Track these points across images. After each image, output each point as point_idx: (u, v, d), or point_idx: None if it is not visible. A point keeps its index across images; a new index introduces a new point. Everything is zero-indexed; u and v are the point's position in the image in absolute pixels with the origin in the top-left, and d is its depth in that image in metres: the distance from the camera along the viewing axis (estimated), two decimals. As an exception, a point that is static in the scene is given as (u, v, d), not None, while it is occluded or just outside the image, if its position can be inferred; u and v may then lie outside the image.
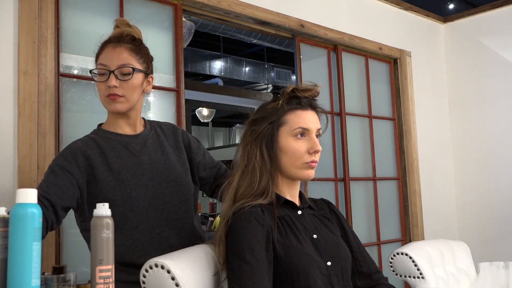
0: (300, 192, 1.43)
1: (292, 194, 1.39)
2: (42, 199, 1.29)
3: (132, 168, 1.49)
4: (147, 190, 1.49)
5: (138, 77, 1.49)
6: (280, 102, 1.36)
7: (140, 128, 1.58)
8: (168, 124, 1.70)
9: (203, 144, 1.79)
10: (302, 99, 1.36)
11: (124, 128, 1.54)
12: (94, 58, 1.52)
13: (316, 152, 1.34)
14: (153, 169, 1.52)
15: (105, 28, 2.12)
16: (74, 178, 1.40)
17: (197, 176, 1.66)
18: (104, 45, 1.50)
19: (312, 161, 1.34)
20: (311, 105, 1.38)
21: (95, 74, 1.49)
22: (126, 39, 1.50)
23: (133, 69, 1.47)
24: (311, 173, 1.36)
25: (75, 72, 2.03)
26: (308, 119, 1.35)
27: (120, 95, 1.46)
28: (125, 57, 1.47)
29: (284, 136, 1.34)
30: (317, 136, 1.37)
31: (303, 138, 1.34)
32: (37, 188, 1.26)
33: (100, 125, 1.58)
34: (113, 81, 1.44)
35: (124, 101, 1.47)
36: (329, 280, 1.28)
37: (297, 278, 1.23)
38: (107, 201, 1.12)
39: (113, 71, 1.44)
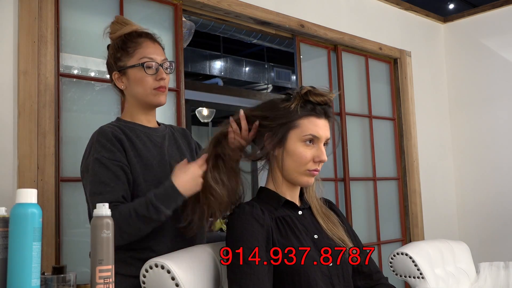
0: (301, 192, 1.43)
1: (292, 194, 1.39)
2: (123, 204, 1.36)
3: (157, 157, 1.50)
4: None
5: None
6: (294, 105, 1.33)
7: (156, 124, 1.61)
8: (179, 127, 1.75)
9: (204, 144, 1.78)
10: (316, 106, 1.33)
11: (145, 122, 1.55)
12: (119, 53, 1.49)
13: (321, 161, 1.34)
14: (172, 162, 1.52)
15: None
16: (124, 164, 1.41)
17: None
18: (137, 40, 1.50)
19: (315, 170, 1.34)
20: (326, 113, 1.36)
21: (134, 67, 1.47)
22: (153, 36, 1.55)
23: (173, 63, 1.57)
24: (311, 181, 1.36)
25: (75, 72, 2.03)
26: (320, 127, 1.34)
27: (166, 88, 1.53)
28: (162, 52, 1.55)
29: (293, 140, 1.33)
30: (324, 144, 1.36)
31: (311, 145, 1.33)
32: (109, 195, 1.33)
33: (118, 118, 1.58)
34: (163, 74, 1.50)
35: (166, 94, 1.54)
36: (330, 280, 1.28)
37: (298, 279, 1.23)
38: (137, 185, 1.38)
39: (161, 65, 1.50)
